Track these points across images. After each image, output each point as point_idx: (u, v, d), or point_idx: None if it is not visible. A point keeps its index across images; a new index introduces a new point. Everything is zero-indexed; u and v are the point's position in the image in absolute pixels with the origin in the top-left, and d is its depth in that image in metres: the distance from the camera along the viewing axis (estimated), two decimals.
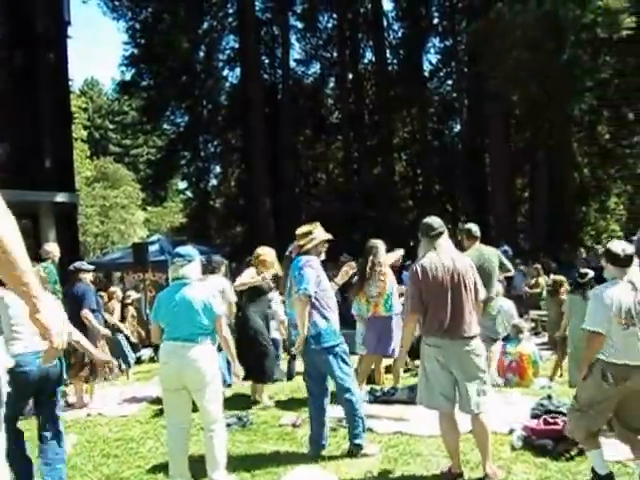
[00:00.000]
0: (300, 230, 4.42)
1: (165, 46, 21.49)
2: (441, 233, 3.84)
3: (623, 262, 3.50)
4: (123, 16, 23.36)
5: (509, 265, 6.25)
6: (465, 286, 3.76)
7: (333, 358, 4.26)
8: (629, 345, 3.38)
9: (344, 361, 4.30)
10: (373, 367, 6.69)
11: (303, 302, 4.17)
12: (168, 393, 3.90)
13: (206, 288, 4.03)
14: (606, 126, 19.46)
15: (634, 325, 3.38)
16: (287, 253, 4.45)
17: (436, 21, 25.12)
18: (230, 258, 17.03)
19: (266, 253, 6.00)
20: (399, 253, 6.30)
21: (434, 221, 3.88)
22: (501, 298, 7.54)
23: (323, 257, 4.50)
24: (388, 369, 6.82)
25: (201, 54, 24.14)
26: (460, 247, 5.93)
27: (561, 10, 15.12)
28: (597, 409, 3.48)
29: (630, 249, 3.54)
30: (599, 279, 4.05)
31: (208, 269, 6.21)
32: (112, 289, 9.33)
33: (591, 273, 6.46)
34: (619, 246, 3.55)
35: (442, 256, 3.80)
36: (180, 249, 4.08)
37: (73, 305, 6.19)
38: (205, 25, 23.59)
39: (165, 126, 25.95)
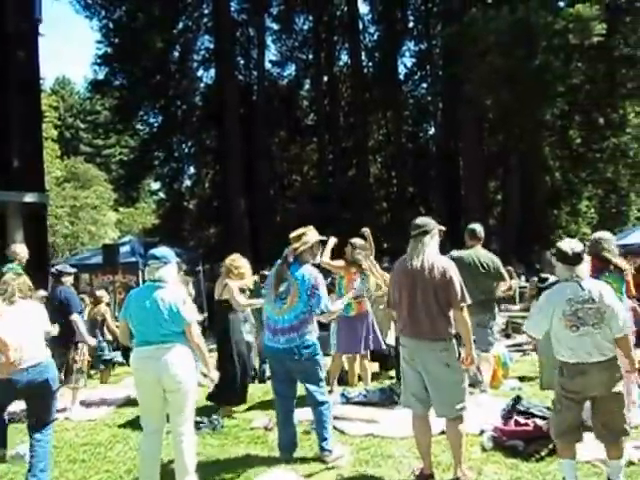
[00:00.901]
0: (293, 233, 4.39)
1: (139, 45, 21.21)
2: (423, 232, 3.80)
3: (571, 260, 3.51)
4: (96, 14, 22.98)
5: (505, 275, 6.11)
6: (428, 287, 3.67)
7: (318, 367, 4.30)
8: (581, 345, 3.42)
9: (321, 368, 4.34)
10: (346, 368, 6.73)
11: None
12: (145, 398, 3.86)
13: (177, 293, 3.92)
14: (577, 131, 19.82)
15: (584, 325, 3.40)
16: (283, 257, 4.37)
17: (411, 25, 25.32)
18: (204, 260, 16.93)
19: (243, 265, 5.89)
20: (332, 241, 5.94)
21: (421, 220, 3.87)
22: None
23: (318, 259, 4.61)
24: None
25: (176, 54, 23.89)
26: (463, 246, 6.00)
27: (533, 16, 15.37)
28: (568, 405, 3.52)
29: (579, 248, 3.56)
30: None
31: None
32: (99, 293, 9.18)
33: (552, 278, 6.40)
34: (568, 245, 3.58)
35: (416, 254, 3.78)
36: (155, 251, 3.97)
37: (58, 309, 6.05)
38: (180, 25, 23.36)
39: (138, 126, 25.58)
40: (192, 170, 26.84)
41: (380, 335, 6.51)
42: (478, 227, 6.07)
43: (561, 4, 16.30)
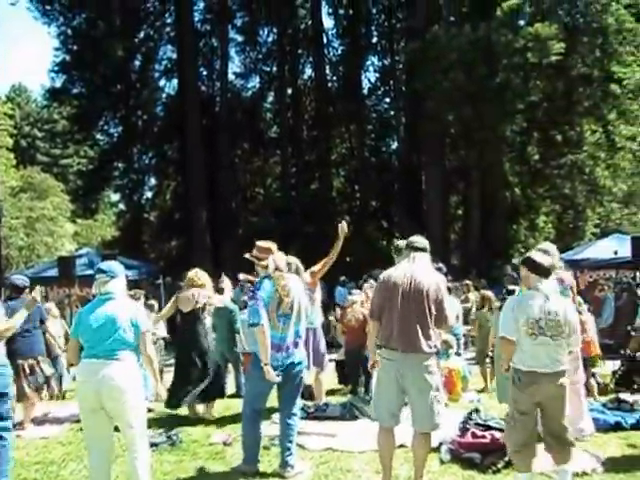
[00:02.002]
0: (261, 244, 4.38)
1: (99, 53, 20.80)
2: (419, 249, 3.91)
3: (543, 272, 3.62)
4: (54, 21, 22.54)
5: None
6: (423, 302, 3.72)
7: (303, 377, 4.37)
8: (537, 353, 3.52)
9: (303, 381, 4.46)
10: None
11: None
12: (87, 414, 3.74)
13: (129, 303, 3.92)
14: (536, 147, 20.26)
15: (543, 335, 3.51)
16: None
17: (375, 40, 25.63)
18: (164, 273, 16.55)
19: (206, 278, 6.08)
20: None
21: (417, 238, 4.00)
22: None
23: None
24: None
25: (137, 63, 23.55)
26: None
27: (494, 35, 15.75)
28: (518, 419, 3.59)
29: (548, 261, 3.69)
30: None
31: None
32: (47, 305, 8.82)
33: (518, 289, 6.52)
34: (538, 257, 3.70)
35: (408, 269, 3.82)
36: (103, 265, 3.95)
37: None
38: (141, 34, 23.06)
39: (97, 136, 25.10)
40: (153, 181, 26.51)
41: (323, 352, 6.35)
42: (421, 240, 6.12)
43: (521, 23, 16.72)
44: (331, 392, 7.30)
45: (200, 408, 6.12)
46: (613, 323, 10.58)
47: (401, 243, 5.99)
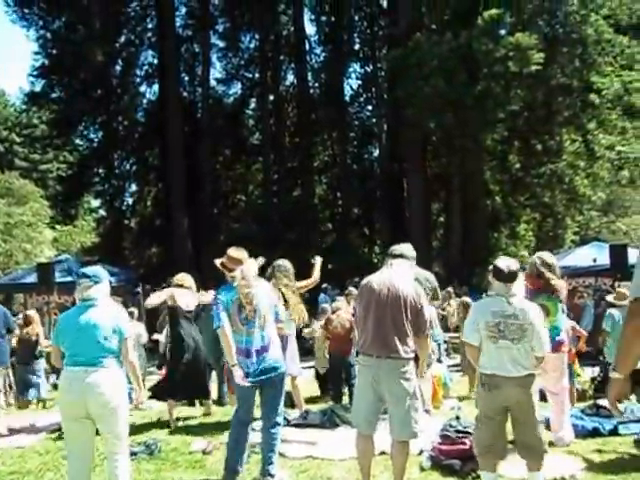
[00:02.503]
0: (233, 254, 4.31)
1: (78, 58, 20.56)
2: (397, 256, 3.93)
3: (505, 278, 3.61)
4: (33, 25, 22.27)
5: (439, 294, 6.17)
6: (400, 309, 3.71)
7: (283, 384, 4.33)
8: (499, 357, 3.53)
9: (285, 387, 4.40)
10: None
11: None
12: (69, 423, 3.67)
13: (112, 309, 3.82)
14: (516, 156, 20.44)
15: (504, 339, 3.52)
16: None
17: (357, 47, 25.72)
18: (143, 280, 16.34)
19: (192, 281, 6.12)
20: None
21: (397, 246, 4.03)
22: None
23: None
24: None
25: (117, 68, 23.35)
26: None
27: (475, 44, 15.88)
28: (484, 421, 3.61)
29: (514, 266, 3.65)
30: None
31: None
32: (29, 312, 8.65)
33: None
34: (504, 263, 3.67)
35: (385, 275, 3.83)
36: (87, 269, 3.91)
37: None
38: (122, 38, 22.87)
39: (77, 141, 24.82)
40: (134, 188, 26.27)
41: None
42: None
43: (502, 32, 16.87)
44: (312, 400, 7.23)
45: (175, 412, 6.06)
46: (592, 330, 10.64)
47: (398, 249, 6.07)
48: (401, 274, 3.85)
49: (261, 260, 4.40)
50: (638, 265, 2.05)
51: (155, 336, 9.14)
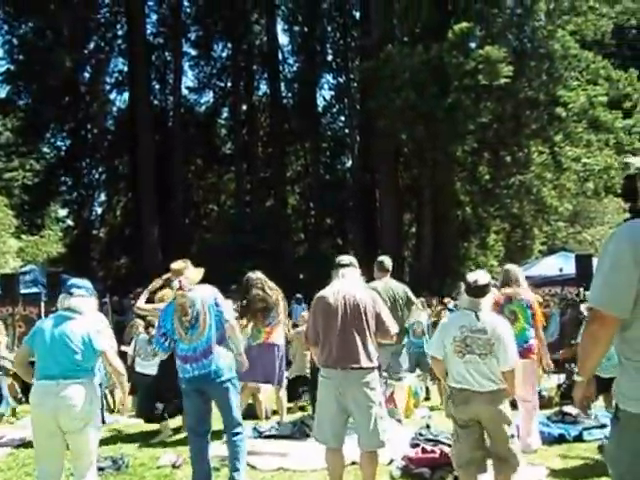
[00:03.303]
0: (175, 266, 4.28)
1: (46, 64, 20.17)
2: (346, 265, 3.92)
3: (474, 292, 3.62)
4: None
5: (415, 302, 6.32)
6: (361, 317, 3.71)
7: (232, 390, 4.18)
8: (467, 371, 3.53)
9: (236, 394, 4.27)
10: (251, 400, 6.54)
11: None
12: (40, 438, 3.58)
13: (89, 323, 3.73)
14: (486, 167, 20.70)
15: (471, 353, 3.52)
16: (178, 288, 4.21)
17: (330, 58, 25.83)
18: (112, 291, 16.01)
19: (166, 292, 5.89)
20: None
21: (344, 257, 4.06)
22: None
23: None
24: None
25: (86, 75, 23.03)
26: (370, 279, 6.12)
27: (446, 56, 16.08)
28: (460, 433, 3.60)
29: (483, 280, 3.64)
30: None
31: None
32: None
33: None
34: (474, 276, 3.68)
35: (340, 286, 3.81)
36: (77, 280, 3.89)
37: None
38: (91, 45, 22.56)
39: (44, 149, 24.27)
40: (103, 197, 25.85)
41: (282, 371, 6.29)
42: (386, 259, 6.26)
43: (472, 46, 17.12)
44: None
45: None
46: (559, 338, 10.82)
47: (385, 260, 6.18)
48: (353, 283, 3.86)
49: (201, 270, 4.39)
50: (595, 275, 2.11)
51: (123, 348, 8.92)
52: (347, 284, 3.83)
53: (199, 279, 4.28)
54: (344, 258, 4.03)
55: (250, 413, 6.36)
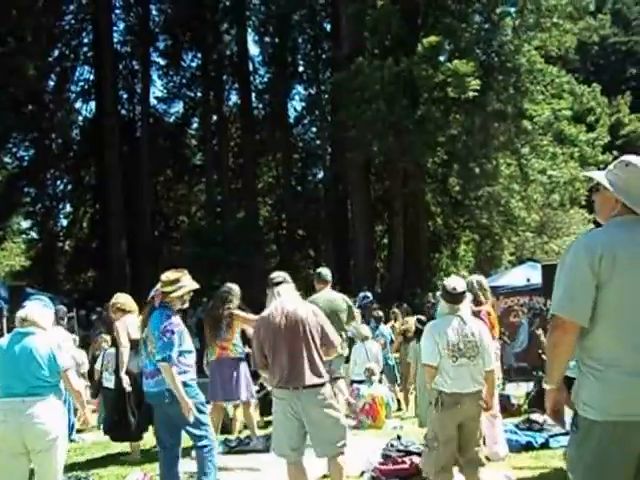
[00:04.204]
0: (167, 277, 4.12)
1: (8, 71, 19.62)
2: (280, 282, 3.89)
3: (454, 298, 3.72)
4: None
5: (355, 312, 6.36)
6: (306, 334, 3.70)
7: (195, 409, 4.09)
8: (459, 375, 3.65)
9: (200, 411, 4.11)
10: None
11: (168, 370, 3.87)
12: (5, 458, 3.47)
13: (51, 338, 3.65)
14: (456, 179, 20.95)
15: (463, 357, 3.65)
16: (149, 298, 4.15)
17: (301, 69, 25.89)
18: (78, 306, 15.57)
19: (127, 301, 5.80)
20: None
21: (276, 273, 4.01)
22: (370, 341, 7.92)
23: (186, 305, 4.31)
24: None
25: (51, 83, 22.52)
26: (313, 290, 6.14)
27: (415, 69, 16.24)
28: (441, 441, 3.64)
29: (462, 286, 3.78)
30: None
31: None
32: None
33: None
34: (452, 283, 3.78)
35: (280, 305, 3.78)
36: (35, 296, 4.06)
37: None
38: (56, 52, 22.09)
39: (6, 159, 23.58)
40: (68, 208, 25.24)
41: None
42: (325, 270, 6.26)
43: (441, 59, 17.33)
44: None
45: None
46: (527, 347, 10.92)
47: (323, 271, 6.13)
48: (292, 299, 3.85)
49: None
50: (556, 285, 2.22)
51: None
52: (286, 301, 3.79)
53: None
54: (277, 275, 3.97)
55: (221, 429, 6.19)
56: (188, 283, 4.15)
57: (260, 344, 3.77)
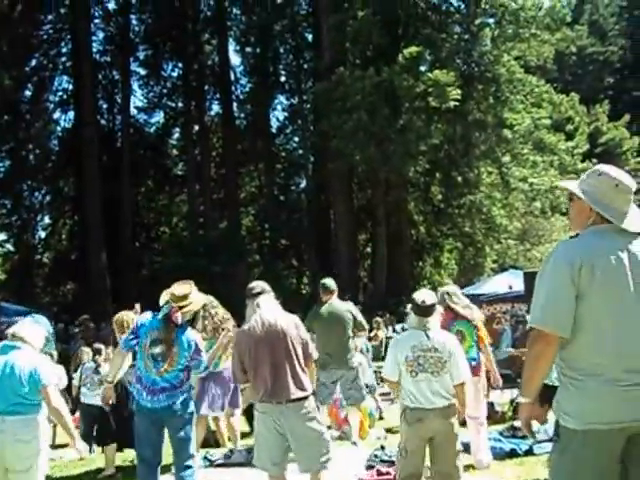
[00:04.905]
0: (179, 291, 4.03)
1: None
2: (259, 293, 3.81)
3: (421, 311, 3.67)
4: None
5: (364, 322, 6.22)
6: (288, 345, 3.64)
7: (191, 427, 4.08)
8: (420, 390, 3.59)
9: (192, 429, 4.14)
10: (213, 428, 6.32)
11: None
12: None
13: (36, 355, 3.57)
14: (438, 187, 21.06)
15: (424, 372, 3.58)
16: (165, 315, 4.00)
17: (283, 79, 25.90)
18: (57, 319, 15.28)
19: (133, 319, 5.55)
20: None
21: (255, 284, 3.92)
22: (357, 354, 7.67)
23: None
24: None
25: (28, 93, 22.20)
26: (318, 301, 6.10)
27: (396, 79, 16.31)
28: (408, 451, 3.64)
29: (430, 300, 3.70)
30: None
31: None
32: None
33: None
34: (421, 296, 3.71)
35: (261, 317, 3.69)
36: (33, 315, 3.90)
37: None
38: (33, 62, 21.80)
39: None
40: (47, 220, 24.84)
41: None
42: (329, 281, 6.16)
43: (422, 69, 17.44)
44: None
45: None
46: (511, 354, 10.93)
47: (328, 281, 6.04)
48: (272, 310, 3.77)
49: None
50: (535, 295, 2.22)
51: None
52: (266, 313, 3.71)
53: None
54: (255, 285, 3.88)
55: (203, 442, 6.06)
56: (199, 297, 4.17)
57: (240, 358, 3.69)
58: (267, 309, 3.74)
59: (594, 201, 2.21)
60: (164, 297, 4.14)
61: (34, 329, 3.64)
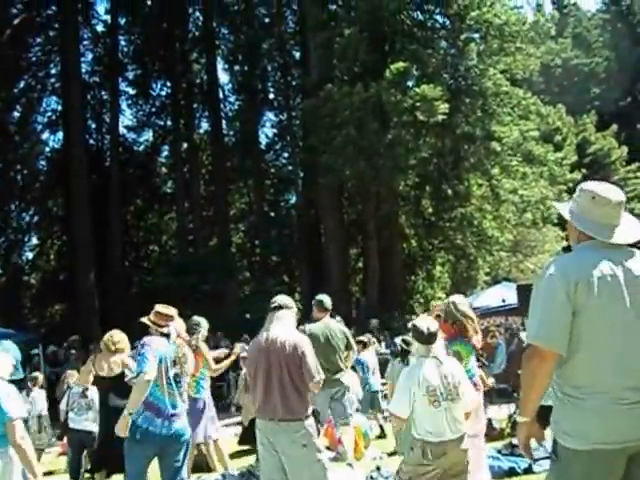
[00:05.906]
0: (168, 311, 4.10)
1: None
2: (277, 308, 3.74)
3: (427, 339, 3.62)
4: None
5: (354, 345, 6.25)
6: (281, 368, 3.57)
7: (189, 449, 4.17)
8: (438, 422, 3.48)
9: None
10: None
11: None
12: None
13: (2, 384, 3.44)
14: (429, 201, 21.09)
15: (445, 400, 3.52)
16: (186, 340, 4.35)
17: (272, 96, 26.00)
18: (45, 341, 15.04)
19: (122, 339, 5.64)
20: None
21: (276, 298, 3.86)
22: (348, 372, 7.59)
23: None
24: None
25: (16, 114, 22.11)
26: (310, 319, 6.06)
27: (384, 94, 16.37)
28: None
29: (434, 327, 3.67)
30: None
31: None
32: None
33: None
34: (424, 323, 3.68)
35: (271, 333, 3.67)
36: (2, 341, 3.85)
37: None
38: (22, 83, 21.74)
39: None
40: (35, 241, 24.60)
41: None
42: (325, 298, 6.11)
43: (409, 84, 17.54)
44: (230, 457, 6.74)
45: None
46: (506, 368, 10.83)
47: (324, 299, 6.00)
48: (286, 328, 3.72)
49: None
50: (531, 312, 2.19)
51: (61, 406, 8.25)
52: (274, 330, 3.68)
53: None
54: (275, 299, 3.85)
55: (195, 468, 5.96)
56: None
57: (250, 366, 3.77)
58: (277, 325, 3.70)
59: (577, 219, 2.22)
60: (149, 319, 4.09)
61: (0, 358, 3.50)
